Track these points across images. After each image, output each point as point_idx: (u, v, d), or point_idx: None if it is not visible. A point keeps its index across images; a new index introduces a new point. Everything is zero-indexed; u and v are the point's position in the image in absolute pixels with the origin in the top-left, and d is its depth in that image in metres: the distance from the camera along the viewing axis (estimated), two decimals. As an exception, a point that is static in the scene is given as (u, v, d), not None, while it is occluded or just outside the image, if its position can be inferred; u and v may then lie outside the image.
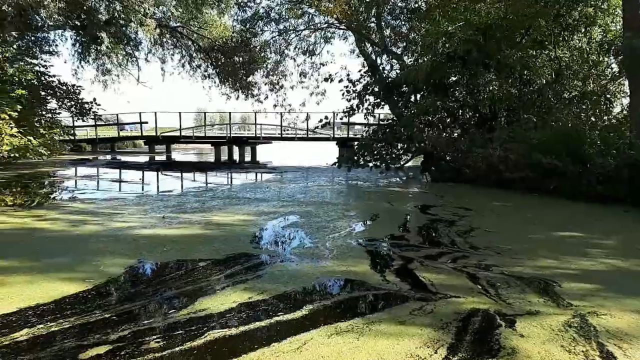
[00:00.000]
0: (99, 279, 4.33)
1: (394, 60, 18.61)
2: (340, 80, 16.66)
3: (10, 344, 2.97)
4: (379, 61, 18.79)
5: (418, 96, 16.10)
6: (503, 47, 13.55)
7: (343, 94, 16.41)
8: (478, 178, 11.97)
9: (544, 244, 6.02)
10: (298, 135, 27.65)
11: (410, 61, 17.56)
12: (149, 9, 14.63)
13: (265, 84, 23.40)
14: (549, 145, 10.58)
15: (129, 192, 11.07)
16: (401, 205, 9.24)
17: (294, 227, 6.88)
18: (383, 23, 18.59)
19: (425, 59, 15.12)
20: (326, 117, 16.74)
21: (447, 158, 13.60)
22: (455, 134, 15.40)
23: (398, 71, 17.59)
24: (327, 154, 18.70)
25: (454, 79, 15.29)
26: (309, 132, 26.90)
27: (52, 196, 10.17)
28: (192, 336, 3.15)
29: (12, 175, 14.11)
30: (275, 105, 24.34)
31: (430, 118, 15.16)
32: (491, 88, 13.92)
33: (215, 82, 25.42)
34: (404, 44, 18.76)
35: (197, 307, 3.70)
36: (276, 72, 22.58)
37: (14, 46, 17.55)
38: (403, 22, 18.74)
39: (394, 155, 15.03)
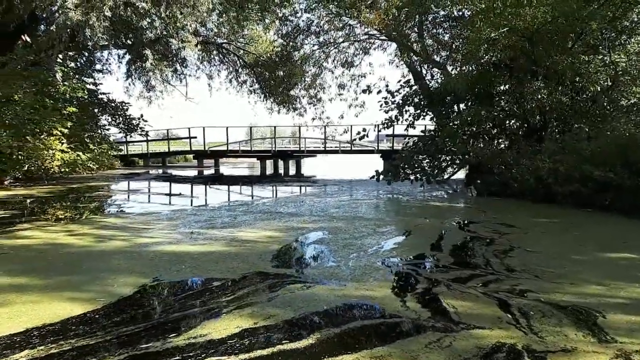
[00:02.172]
0: (109, 299, 4.23)
1: (435, 70, 18.09)
2: (379, 92, 16.31)
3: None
4: (420, 71, 18.34)
5: (462, 106, 15.50)
6: (552, 52, 12.79)
7: (381, 105, 16.04)
8: (525, 192, 11.25)
9: (591, 266, 5.43)
10: (342, 148, 27.47)
11: (453, 70, 16.99)
12: (190, 26, 15.00)
13: (304, 97, 23.46)
14: (603, 156, 9.79)
15: (166, 206, 11.20)
16: (438, 221, 8.76)
17: (319, 244, 6.61)
18: (425, 32, 18.15)
19: (469, 68, 14.54)
20: (364, 130, 16.37)
21: (493, 171, 12.92)
22: (502, 146, 14.66)
23: (440, 81, 17.06)
24: (370, 166, 18.32)
25: (500, 87, 14.61)
26: (353, 145, 26.67)
27: (90, 211, 10.40)
28: (187, 363, 2.97)
29: (61, 189, 14.66)
30: (314, 119, 24.32)
31: (475, 129, 14.51)
32: (540, 96, 13.13)
33: (260, 97, 25.77)
34: (447, 52, 18.21)
35: (198, 331, 3.52)
36: (315, 84, 22.56)
37: (69, 65, 18.51)
38: (445, 31, 18.22)
39: (436, 168, 14.47)
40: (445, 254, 6.10)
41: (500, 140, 14.95)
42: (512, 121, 14.78)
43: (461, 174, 16.60)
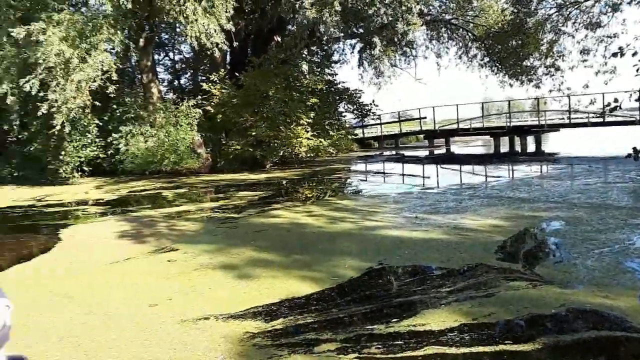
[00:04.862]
0: (340, 279, 4.65)
1: None
2: (635, 54, 13.39)
3: (270, 331, 3.53)
4: None
5: None
6: None
7: (638, 70, 13.14)
8: None
9: None
10: (591, 120, 23.80)
11: None
12: (415, 8, 15.00)
13: (539, 67, 20.96)
14: None
15: (394, 188, 11.61)
16: None
17: (553, 236, 5.95)
18: None
19: None
20: (615, 100, 13.71)
21: None
22: None
23: None
24: (630, 141, 15.47)
25: None
26: (605, 116, 22.79)
27: (328, 192, 11.51)
28: (410, 348, 3.14)
29: (307, 172, 16.63)
30: (551, 90, 21.54)
31: None
32: None
33: (493, 70, 24.26)
34: None
35: (418, 319, 3.62)
36: (552, 52, 19.92)
37: (311, 59, 20.67)
38: None
39: None
40: None
41: None
42: None
43: None
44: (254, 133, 17.13)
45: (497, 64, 23.10)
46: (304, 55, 19.22)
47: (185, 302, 4.23)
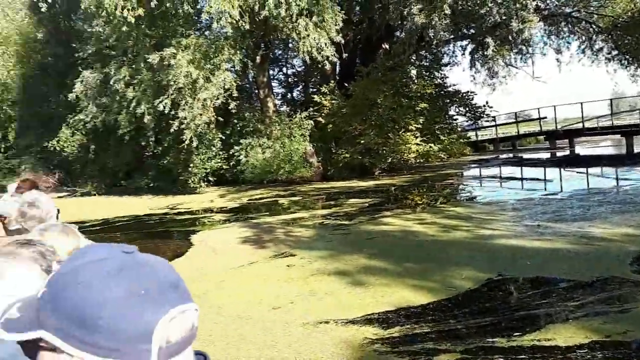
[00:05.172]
0: (457, 290, 4.59)
1: None
2: None
3: (388, 338, 3.63)
4: None
5: None
6: None
7: None
8: None
9: None
10: None
11: None
12: (531, 4, 14.08)
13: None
14: None
15: (512, 194, 11.01)
16: None
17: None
18: None
19: None
20: None
21: None
22: None
23: None
24: None
25: None
26: None
27: (439, 199, 11.25)
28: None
29: (417, 178, 16.43)
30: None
31: None
32: None
33: (622, 64, 21.97)
34: None
35: (543, 334, 3.48)
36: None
37: (419, 64, 20.43)
38: None
39: None
40: None
41: None
42: None
43: None
44: (362, 141, 17.35)
45: (627, 57, 20.91)
46: (412, 61, 19.07)
47: (306, 305, 4.47)
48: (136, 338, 0.59)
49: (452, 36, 18.33)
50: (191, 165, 17.17)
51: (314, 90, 21.39)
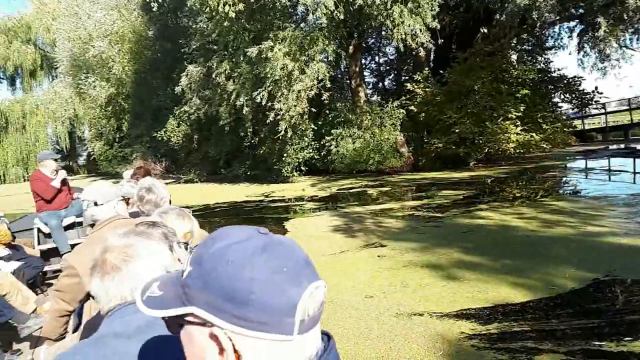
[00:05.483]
0: (559, 289, 4.36)
1: None
2: None
3: (485, 334, 3.58)
4: None
5: None
6: None
7: None
8: None
9: None
10: None
11: None
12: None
13: None
14: None
15: (624, 188, 10.09)
16: None
17: None
18: None
19: None
20: None
21: None
22: None
23: None
24: None
25: None
26: None
27: (541, 192, 10.59)
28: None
29: (516, 169, 15.58)
30: None
31: None
32: None
33: None
34: None
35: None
36: None
37: (521, 48, 19.28)
38: None
39: None
40: None
41: None
42: None
43: None
44: (457, 130, 16.79)
45: None
46: (512, 45, 18.04)
47: (398, 296, 4.51)
48: (282, 312, 0.64)
49: (557, 17, 16.97)
50: (285, 155, 17.77)
51: (407, 78, 21.05)
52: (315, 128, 18.29)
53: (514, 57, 16.84)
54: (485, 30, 19.25)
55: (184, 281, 0.71)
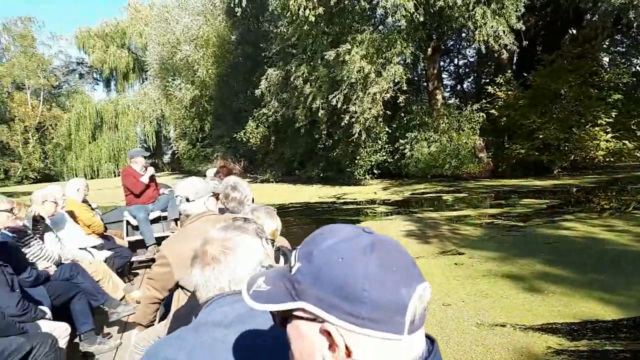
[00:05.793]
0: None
1: None
2: None
3: (575, 350, 3.43)
4: None
5: None
6: None
7: None
8: None
9: None
10: None
11: None
12: None
13: None
14: None
15: None
16: None
17: None
18: None
19: None
20: None
21: None
22: None
23: None
24: None
25: None
26: None
27: (634, 204, 9.82)
28: None
29: (605, 179, 14.57)
30: None
31: None
32: None
33: None
34: None
35: None
36: None
37: (614, 50, 17.94)
38: None
39: None
40: None
41: None
42: None
43: None
44: (541, 135, 15.97)
45: None
46: (604, 47, 16.86)
47: (478, 306, 4.40)
48: (394, 310, 0.65)
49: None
50: (358, 157, 17.78)
51: (487, 80, 20.30)
52: (390, 131, 18.14)
53: (606, 59, 15.69)
54: (574, 32, 18.13)
55: (294, 277, 0.72)
